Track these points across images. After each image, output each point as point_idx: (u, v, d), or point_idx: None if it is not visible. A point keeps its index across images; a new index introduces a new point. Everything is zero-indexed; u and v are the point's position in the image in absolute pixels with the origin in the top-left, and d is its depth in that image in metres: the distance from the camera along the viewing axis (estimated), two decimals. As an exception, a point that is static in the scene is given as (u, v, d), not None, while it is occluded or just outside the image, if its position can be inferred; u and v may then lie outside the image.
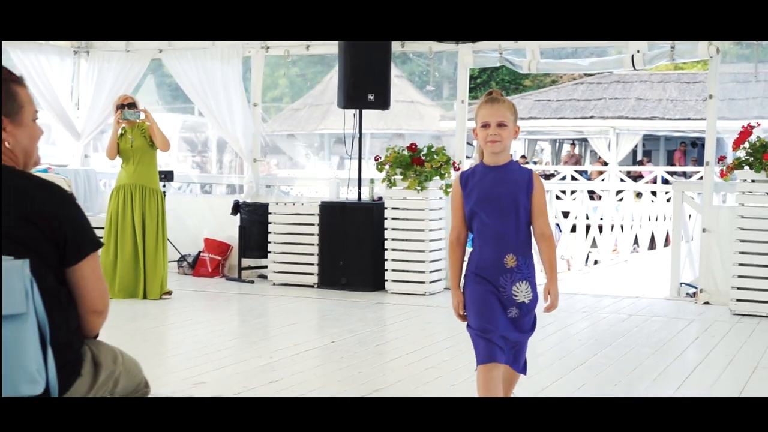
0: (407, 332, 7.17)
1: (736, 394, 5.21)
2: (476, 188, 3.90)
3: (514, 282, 3.83)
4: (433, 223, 8.95)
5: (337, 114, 16.73)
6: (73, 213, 2.65)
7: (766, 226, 7.84)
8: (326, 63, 11.24)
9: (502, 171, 3.90)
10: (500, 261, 3.82)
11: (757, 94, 20.16)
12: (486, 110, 3.90)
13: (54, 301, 2.52)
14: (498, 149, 3.87)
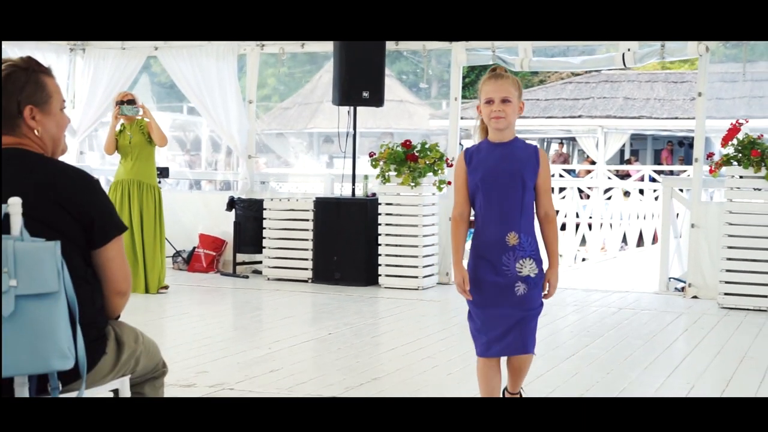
0: (402, 325, 7.30)
1: (724, 383, 5.36)
2: (481, 165, 3.83)
3: (518, 259, 3.80)
4: (426, 219, 9.08)
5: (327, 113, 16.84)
6: (99, 198, 2.78)
7: (753, 222, 8.00)
8: (316, 62, 11.34)
9: (508, 148, 3.84)
10: (503, 239, 3.79)
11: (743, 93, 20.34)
12: (490, 86, 3.82)
13: (81, 281, 2.64)
14: (502, 125, 3.80)
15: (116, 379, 2.85)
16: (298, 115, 14.59)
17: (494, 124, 3.80)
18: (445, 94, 10.95)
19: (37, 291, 2.40)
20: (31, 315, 2.40)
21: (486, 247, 3.83)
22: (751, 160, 7.92)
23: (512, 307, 3.81)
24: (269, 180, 11.06)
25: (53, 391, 2.54)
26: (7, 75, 2.73)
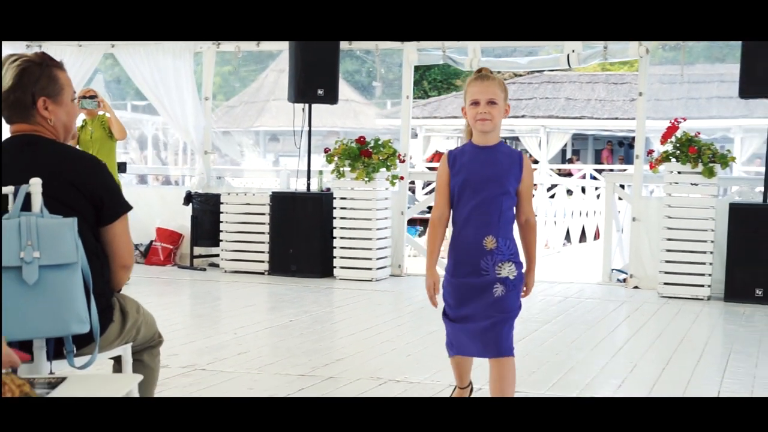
0: (358, 312, 7.61)
1: (664, 363, 5.74)
2: (464, 169, 3.76)
3: (496, 263, 3.72)
4: (379, 213, 9.39)
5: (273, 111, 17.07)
6: (108, 180, 3.06)
7: (691, 215, 8.43)
8: (261, 61, 11.58)
9: (492, 152, 3.76)
10: (480, 243, 3.72)
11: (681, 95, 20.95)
12: (476, 87, 3.75)
13: (92, 255, 2.91)
14: (488, 128, 3.72)
15: (120, 345, 3.13)
16: (244, 114, 14.79)
17: (480, 127, 3.73)
18: (390, 94, 11.30)
19: (57, 262, 2.67)
20: (52, 283, 2.67)
21: (464, 251, 3.76)
22: (689, 156, 8.34)
23: (488, 308, 3.75)
24: (225, 175, 11.28)
25: (68, 354, 2.80)
26: (22, 69, 3.00)
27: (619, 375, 5.37)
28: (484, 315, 3.76)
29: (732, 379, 5.28)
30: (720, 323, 7.30)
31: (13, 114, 3.03)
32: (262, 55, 11.18)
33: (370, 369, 5.38)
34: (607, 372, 5.48)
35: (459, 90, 32.75)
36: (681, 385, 5.11)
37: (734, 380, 5.26)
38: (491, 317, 3.75)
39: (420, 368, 5.43)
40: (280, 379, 5.07)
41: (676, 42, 9.14)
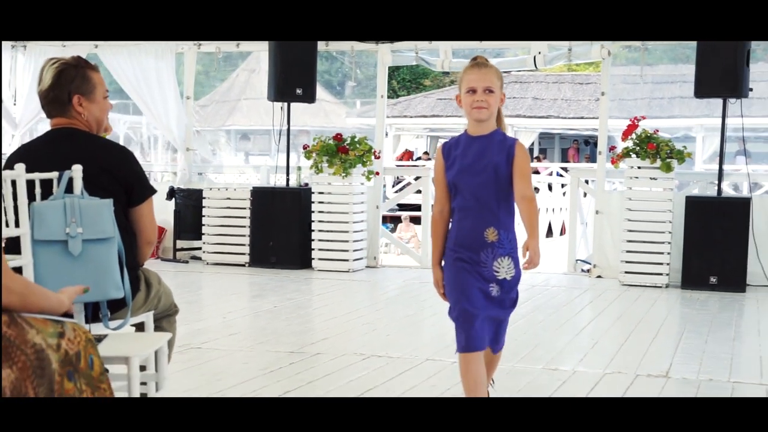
0: (338, 299, 8.06)
1: (623, 339, 6.24)
2: (458, 160, 3.71)
3: (496, 257, 3.67)
4: (356, 207, 9.84)
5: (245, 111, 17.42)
6: (136, 167, 3.51)
7: (650, 208, 8.95)
8: (231, 60, 11.98)
9: (486, 141, 3.70)
10: (480, 235, 3.68)
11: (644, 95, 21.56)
12: (472, 75, 3.70)
13: (123, 232, 3.35)
14: (485, 116, 3.66)
15: (144, 313, 3.57)
16: (215, 113, 15.16)
17: (476, 115, 3.66)
18: (360, 94, 11.79)
19: (97, 236, 3.11)
20: (93, 255, 3.10)
21: (464, 244, 3.72)
22: (648, 152, 8.86)
23: (489, 302, 3.70)
24: (207, 171, 11.68)
25: (104, 317, 3.24)
26: (60, 71, 3.45)
27: (582, 350, 5.87)
28: (485, 307, 3.68)
29: (683, 354, 5.79)
30: (676, 307, 7.82)
31: (53, 109, 3.48)
32: (233, 56, 11.59)
33: (354, 346, 5.83)
34: (570, 348, 5.98)
35: (428, 90, 33.28)
36: (637, 358, 5.60)
37: (685, 355, 5.77)
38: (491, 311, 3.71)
39: (399, 345, 5.88)
40: (271, 356, 5.51)
41: (638, 43, 9.64)
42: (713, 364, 5.49)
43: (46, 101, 3.50)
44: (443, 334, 6.15)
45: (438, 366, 5.29)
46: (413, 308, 7.63)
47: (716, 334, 6.50)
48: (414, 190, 12.49)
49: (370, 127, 25.39)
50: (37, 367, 2.20)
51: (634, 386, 4.91)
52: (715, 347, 6.00)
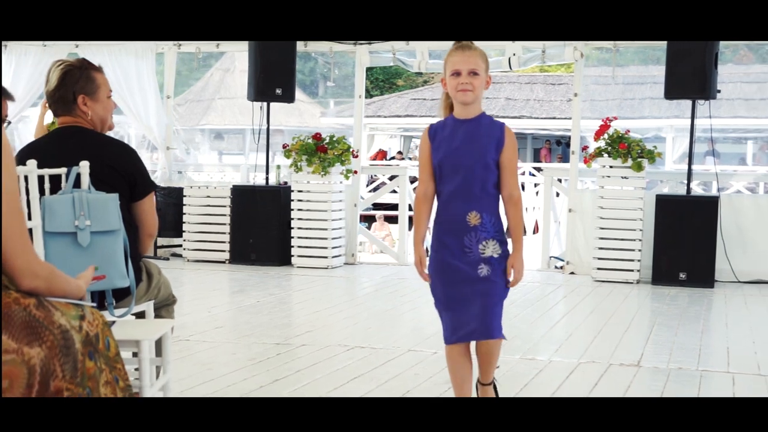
0: (319, 295, 8.25)
1: (596, 332, 6.48)
2: (444, 143, 3.68)
3: (480, 241, 3.64)
4: (335, 204, 10.03)
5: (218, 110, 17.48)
6: (139, 163, 3.70)
7: (621, 206, 9.20)
8: (205, 61, 12.13)
9: (473, 125, 3.68)
10: (463, 219, 3.65)
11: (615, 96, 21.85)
12: (457, 57, 3.67)
13: (127, 225, 3.52)
14: (470, 99, 3.64)
15: (146, 302, 3.75)
16: (189, 112, 15.33)
17: (461, 98, 3.65)
18: (334, 94, 12.01)
19: (104, 228, 3.29)
20: (101, 246, 3.28)
21: (447, 228, 3.70)
22: (620, 152, 9.11)
23: (475, 289, 3.65)
24: (187, 170, 11.83)
25: (109, 306, 3.41)
26: (65, 72, 3.63)
27: (557, 342, 6.10)
28: (472, 297, 3.64)
29: (654, 345, 6.03)
30: (647, 302, 8.06)
31: (59, 108, 3.67)
32: (208, 55, 11.74)
33: (337, 338, 6.03)
34: (546, 339, 6.20)
35: (401, 90, 33.51)
36: (610, 349, 5.84)
37: (656, 345, 6.01)
38: (479, 299, 3.65)
39: (380, 337, 6.09)
40: (259, 347, 5.70)
41: (610, 45, 9.89)
42: (682, 354, 5.73)
43: (52, 101, 3.69)
44: (422, 327, 6.38)
45: (419, 356, 5.50)
46: (392, 303, 7.83)
47: (685, 326, 6.75)
48: (390, 190, 12.67)
49: (344, 127, 25.64)
50: (63, 346, 2.37)
51: (607, 374, 5.14)
52: (685, 339, 6.25)
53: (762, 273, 9.23)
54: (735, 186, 14.14)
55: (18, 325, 2.27)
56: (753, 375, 5.21)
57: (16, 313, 2.28)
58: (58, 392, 2.33)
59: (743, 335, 6.50)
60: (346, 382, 4.85)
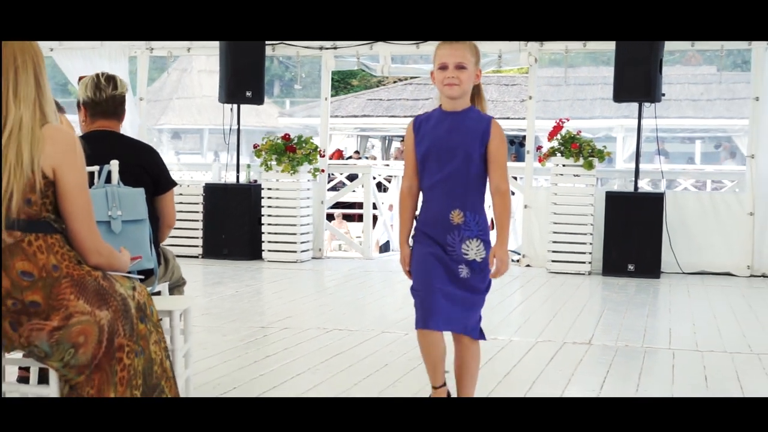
0: (293, 285, 8.78)
1: (552, 316, 7.08)
2: (428, 135, 3.60)
3: (463, 240, 3.57)
4: (303, 201, 10.56)
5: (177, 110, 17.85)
6: (161, 162, 4.25)
7: (573, 202, 9.83)
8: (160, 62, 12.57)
9: (460, 118, 3.59)
10: (446, 217, 3.58)
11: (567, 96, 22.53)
12: (445, 50, 3.59)
13: (151, 216, 4.05)
14: (456, 93, 3.56)
15: (163, 283, 4.27)
16: (147, 113, 15.78)
17: (447, 92, 3.57)
18: (288, 94, 12.51)
19: (134, 218, 3.80)
20: (131, 233, 3.79)
21: (430, 225, 3.64)
22: (572, 151, 9.73)
23: (454, 283, 3.62)
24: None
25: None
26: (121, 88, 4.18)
27: (516, 324, 6.69)
28: (451, 289, 3.60)
29: (603, 327, 6.65)
30: (598, 291, 8.69)
31: (100, 113, 4.21)
32: (162, 58, 12.16)
33: (316, 322, 6.58)
34: (505, 323, 6.79)
35: (356, 89, 34.03)
36: (564, 330, 6.44)
37: (605, 327, 6.63)
38: (458, 293, 3.61)
39: (354, 321, 6.64)
40: (246, 330, 6.23)
41: (562, 49, 10.50)
42: (629, 334, 6.35)
43: (98, 106, 4.20)
44: (390, 313, 6.98)
45: (393, 336, 6.06)
46: (361, 293, 8.39)
47: (632, 311, 7.37)
48: (352, 189, 13.18)
49: (302, 126, 26.16)
50: (123, 310, 2.90)
51: (562, 351, 5.74)
52: (631, 321, 6.87)
53: (704, 264, 9.91)
54: (683, 184, 14.87)
55: (90, 293, 2.81)
56: (691, 351, 5.83)
57: (89, 282, 2.82)
58: (120, 348, 2.87)
59: (684, 319, 7.14)
60: (329, 357, 5.40)
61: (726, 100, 21.45)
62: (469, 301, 3.67)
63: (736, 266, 9.86)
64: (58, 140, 2.82)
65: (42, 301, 2.74)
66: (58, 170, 2.80)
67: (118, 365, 2.85)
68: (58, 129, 2.85)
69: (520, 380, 4.99)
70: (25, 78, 2.82)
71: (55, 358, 2.78)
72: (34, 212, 2.77)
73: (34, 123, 2.79)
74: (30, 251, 2.75)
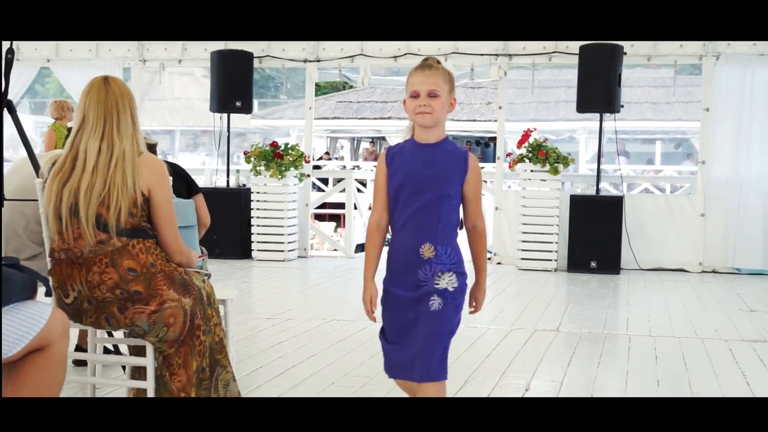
0: (286, 282, 9.59)
1: (522, 309, 7.93)
2: (402, 168, 3.42)
3: (435, 273, 3.37)
4: (290, 204, 11.36)
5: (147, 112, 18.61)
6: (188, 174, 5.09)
7: (541, 204, 10.70)
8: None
9: (434, 150, 3.41)
10: (417, 251, 3.37)
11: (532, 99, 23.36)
12: (416, 77, 3.40)
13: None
14: (428, 122, 3.37)
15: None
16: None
17: (419, 120, 3.38)
18: (257, 95, 13.20)
19: (186, 224, 4.59)
20: (184, 237, 4.56)
21: (400, 260, 3.43)
22: (539, 158, 10.61)
23: (424, 324, 3.36)
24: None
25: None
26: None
27: (491, 315, 7.53)
28: (418, 333, 3.36)
29: (569, 316, 7.51)
30: (563, 285, 9.57)
31: None
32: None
33: (315, 313, 7.39)
34: (481, 314, 7.59)
35: (324, 91, 34.80)
36: (534, 319, 7.30)
37: (571, 316, 7.49)
38: (426, 333, 3.35)
39: (350, 312, 7.45)
40: (253, 321, 7.03)
41: (529, 62, 11.36)
42: (591, 322, 7.22)
43: None
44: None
45: (386, 326, 6.88)
46: (349, 288, 9.20)
47: (594, 303, 8.25)
48: (338, 190, 13.94)
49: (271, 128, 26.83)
50: (200, 298, 3.72)
51: (533, 337, 6.58)
52: (593, 312, 7.75)
53: (660, 261, 10.84)
54: (643, 185, 15.79)
55: (178, 284, 3.61)
56: (645, 336, 6.71)
57: (176, 276, 3.63)
58: (198, 327, 3.68)
59: (640, 309, 8.03)
60: (335, 342, 6.22)
61: (684, 103, 22.40)
62: (435, 342, 3.36)
63: (689, 263, 10.80)
64: (152, 166, 3.63)
65: (143, 291, 3.55)
66: (153, 190, 3.61)
67: (196, 341, 3.66)
68: (152, 157, 3.66)
69: (499, 362, 5.81)
70: (125, 118, 3.63)
71: (152, 335, 3.59)
72: (135, 222, 3.58)
73: (134, 153, 3.59)
74: (134, 252, 3.56)
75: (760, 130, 10.58)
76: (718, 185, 10.72)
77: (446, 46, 11.24)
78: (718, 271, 10.73)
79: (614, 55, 10.30)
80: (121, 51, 12.28)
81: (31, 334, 2.95)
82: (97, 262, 3.53)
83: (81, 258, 3.56)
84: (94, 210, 3.53)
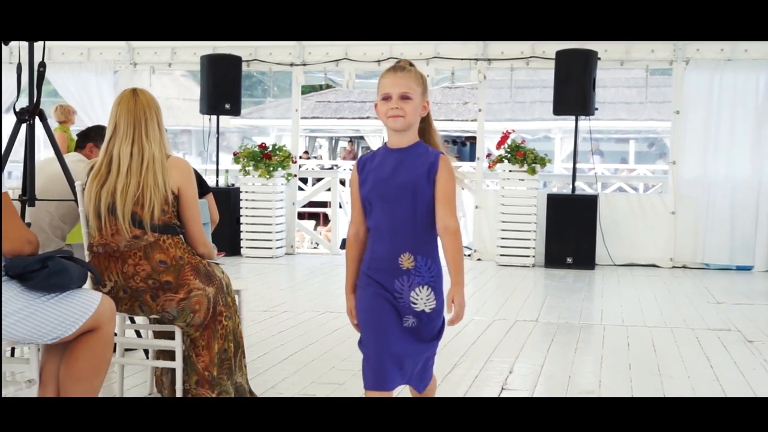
0: (276, 277, 10.00)
1: (503, 302, 8.40)
2: (372, 174, 3.32)
3: (413, 287, 3.27)
4: (278, 203, 11.78)
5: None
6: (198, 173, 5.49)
7: (519, 203, 11.18)
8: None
9: (405, 154, 3.30)
10: (394, 261, 3.26)
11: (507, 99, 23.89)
12: (388, 80, 3.32)
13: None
14: (400, 126, 3.26)
15: (211, 271, 5.51)
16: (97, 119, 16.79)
17: (391, 124, 3.28)
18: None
19: (202, 221, 5.02)
20: (198, 232, 5.02)
21: (377, 270, 3.31)
22: (517, 159, 11.08)
23: (402, 334, 3.30)
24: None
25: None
26: None
27: (474, 308, 7.98)
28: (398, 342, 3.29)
29: (547, 308, 7.98)
30: (541, 280, 10.05)
31: None
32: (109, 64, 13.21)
33: (309, 306, 7.83)
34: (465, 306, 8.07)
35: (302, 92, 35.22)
36: (515, 311, 7.76)
37: (549, 308, 7.97)
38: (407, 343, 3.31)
39: (339, 305, 7.80)
40: (250, 313, 7.44)
41: (507, 67, 11.83)
42: (568, 313, 7.70)
43: None
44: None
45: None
46: (337, 283, 9.62)
47: (571, 296, 8.73)
48: (324, 189, 14.35)
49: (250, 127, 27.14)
50: (221, 287, 4.15)
51: (515, 327, 7.05)
52: (570, 304, 8.22)
53: (632, 257, 11.34)
54: (617, 184, 16.29)
55: (203, 274, 4.05)
56: (618, 326, 7.19)
57: (201, 267, 4.06)
58: (220, 313, 4.12)
59: (614, 301, 8.52)
60: (331, 332, 6.66)
61: (657, 104, 22.94)
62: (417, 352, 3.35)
63: (661, 259, 11.31)
64: (180, 167, 4.06)
65: (173, 281, 3.98)
66: (182, 188, 4.04)
67: (219, 326, 4.10)
68: (179, 159, 4.09)
69: (483, 350, 6.25)
70: (152, 125, 4.06)
71: (180, 320, 4.02)
72: (166, 219, 4.01)
73: (162, 156, 4.02)
74: (165, 246, 3.99)
75: (727, 132, 11.09)
76: (687, 185, 11.24)
77: (428, 51, 11.69)
78: (687, 267, 11.25)
79: (589, 60, 10.78)
80: (112, 55, 12.66)
81: (85, 317, 3.37)
82: (132, 255, 3.96)
83: (117, 252, 3.99)
84: (130, 208, 3.96)
